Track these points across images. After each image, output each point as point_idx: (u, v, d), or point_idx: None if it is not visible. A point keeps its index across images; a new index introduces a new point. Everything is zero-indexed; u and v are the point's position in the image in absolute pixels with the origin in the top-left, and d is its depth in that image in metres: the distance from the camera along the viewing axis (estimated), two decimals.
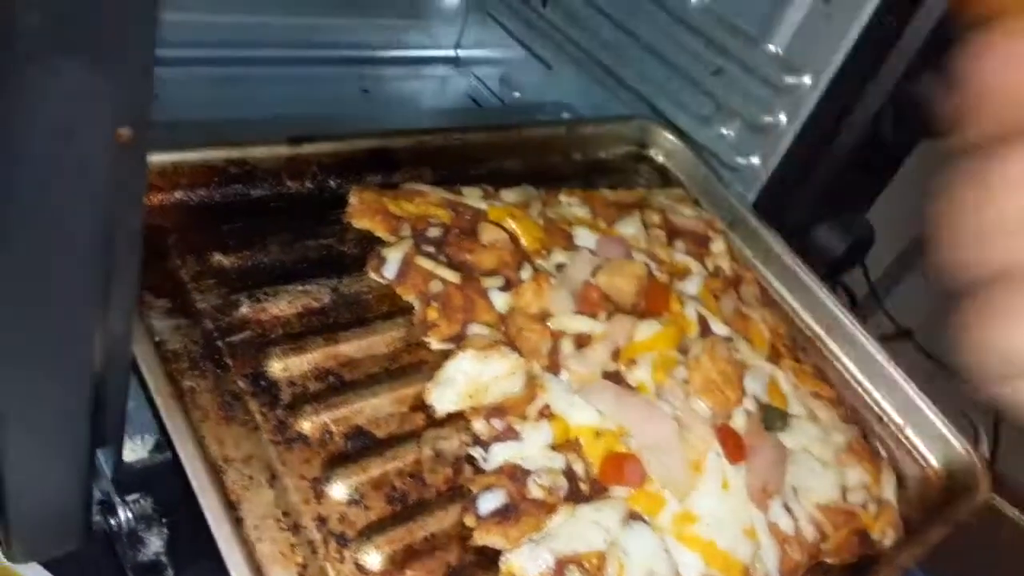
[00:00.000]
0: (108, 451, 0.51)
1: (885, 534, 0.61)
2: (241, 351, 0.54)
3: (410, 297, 0.61)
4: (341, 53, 1.11)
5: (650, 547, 0.52)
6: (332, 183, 0.69)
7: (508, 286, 0.62)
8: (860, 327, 0.79)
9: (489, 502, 0.51)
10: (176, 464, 0.47)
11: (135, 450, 0.57)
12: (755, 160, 0.89)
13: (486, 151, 0.80)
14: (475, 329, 0.59)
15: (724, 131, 0.91)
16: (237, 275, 0.58)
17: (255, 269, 0.59)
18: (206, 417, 0.50)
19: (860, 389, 0.78)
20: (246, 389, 0.52)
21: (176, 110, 0.95)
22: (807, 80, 0.82)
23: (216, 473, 0.47)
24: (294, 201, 0.65)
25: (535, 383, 0.57)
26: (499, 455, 0.53)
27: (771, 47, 0.85)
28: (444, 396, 0.55)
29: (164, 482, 0.52)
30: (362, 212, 0.64)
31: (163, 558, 0.51)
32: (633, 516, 0.53)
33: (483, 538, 0.50)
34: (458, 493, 0.53)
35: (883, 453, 0.70)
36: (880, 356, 0.77)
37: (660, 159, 0.94)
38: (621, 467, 0.54)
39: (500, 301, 0.61)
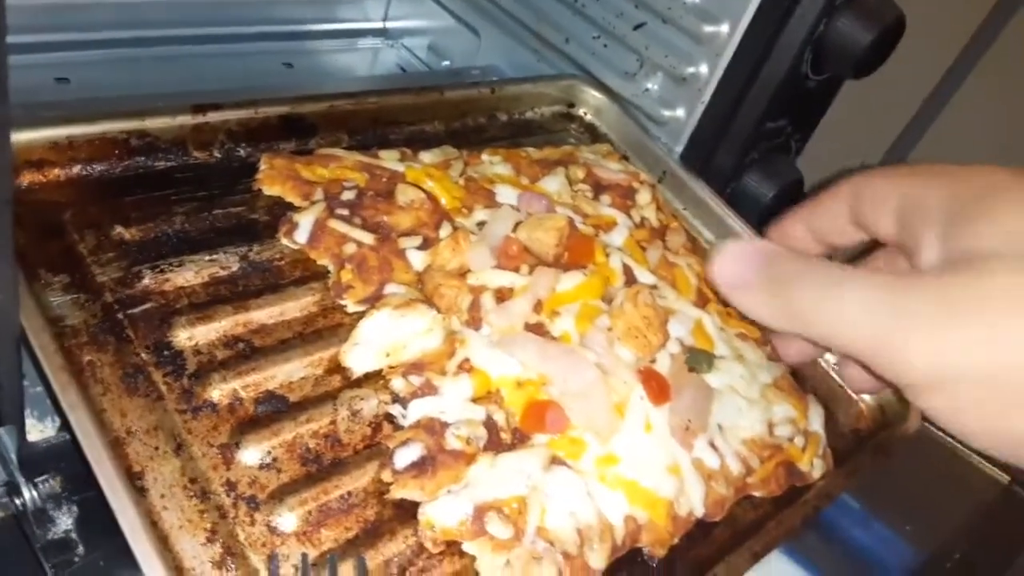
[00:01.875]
0: (8, 431, 0.50)
1: (813, 465, 0.62)
2: (143, 323, 0.52)
3: (324, 260, 0.60)
4: (264, 29, 1.09)
5: (572, 489, 0.52)
6: (242, 151, 0.67)
7: (426, 245, 0.61)
8: None
9: (405, 456, 0.50)
10: (75, 439, 0.46)
11: (44, 431, 0.55)
12: (680, 112, 0.88)
13: (405, 114, 0.79)
14: (392, 289, 0.58)
15: (649, 85, 0.91)
16: (139, 247, 0.56)
17: (158, 240, 0.58)
18: (107, 390, 0.48)
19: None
20: (149, 360, 0.51)
21: (91, 92, 0.93)
22: (724, 28, 0.82)
23: (118, 445, 0.46)
24: (201, 171, 0.64)
25: (455, 338, 0.56)
26: (418, 411, 0.53)
27: None
28: (360, 356, 0.55)
29: (72, 460, 0.51)
30: (273, 178, 0.63)
31: (73, 535, 0.50)
32: (555, 461, 0.53)
33: (400, 491, 0.49)
34: (376, 451, 0.52)
35: (814, 389, 0.71)
36: None
37: (588, 117, 0.93)
38: (543, 415, 0.54)
39: (417, 260, 0.60)
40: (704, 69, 0.85)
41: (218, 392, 0.51)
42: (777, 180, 0.90)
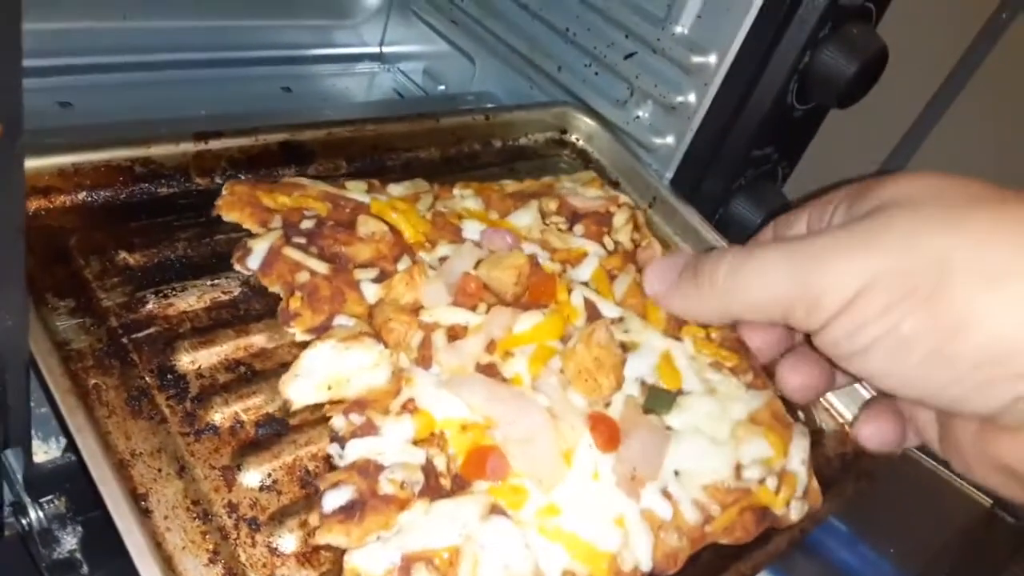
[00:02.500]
0: (16, 453, 0.51)
1: (791, 507, 0.60)
2: (147, 347, 0.54)
3: (275, 288, 0.59)
4: (263, 54, 1.11)
5: (509, 541, 0.50)
6: (243, 177, 0.69)
7: (383, 278, 0.61)
8: None
9: (334, 499, 0.48)
10: (81, 461, 0.47)
11: (48, 452, 0.57)
12: (670, 139, 0.91)
13: (402, 141, 0.81)
14: (341, 320, 0.58)
15: (639, 113, 0.93)
16: (143, 272, 0.58)
17: (162, 266, 0.59)
18: (112, 413, 0.50)
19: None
20: (153, 384, 0.52)
21: (94, 117, 0.95)
22: (712, 59, 0.84)
23: (123, 467, 0.48)
24: (204, 198, 0.65)
25: (401, 376, 0.56)
26: (355, 451, 0.51)
27: (677, 28, 0.87)
28: (301, 388, 0.54)
29: (77, 481, 0.52)
30: (232, 204, 0.62)
31: (78, 555, 0.51)
32: (494, 510, 0.52)
33: (325, 536, 0.48)
34: None
35: (800, 416, 0.72)
36: None
37: (580, 143, 0.95)
38: (484, 461, 0.53)
39: (371, 293, 0.60)
40: (693, 98, 0.87)
41: (220, 415, 0.52)
42: (764, 206, 0.92)
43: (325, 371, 0.55)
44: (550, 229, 0.74)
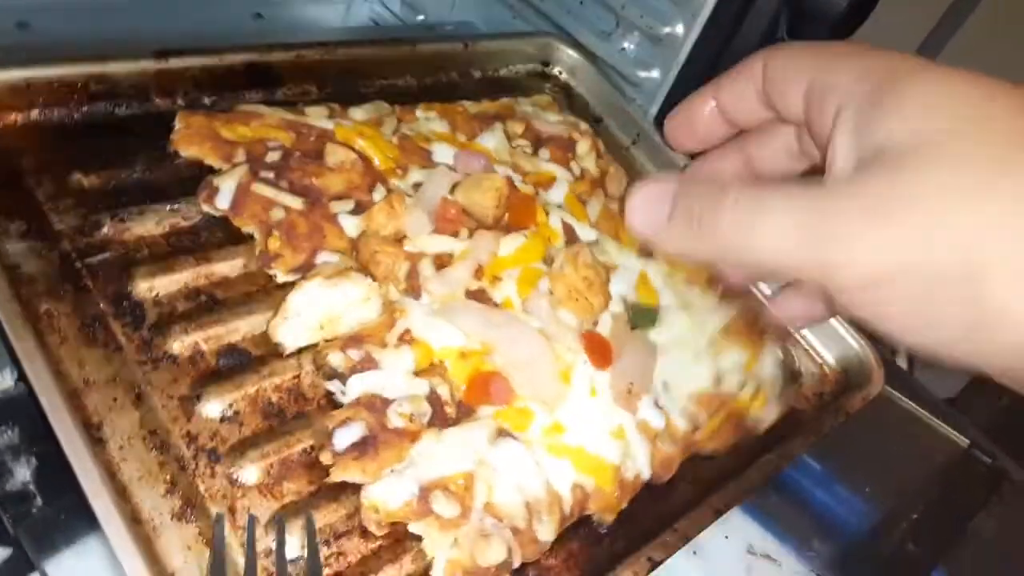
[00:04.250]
0: None
1: (763, 414, 0.62)
2: (103, 272, 0.51)
3: (249, 228, 0.56)
4: None
5: (519, 461, 0.51)
6: (207, 100, 0.65)
7: (359, 209, 0.59)
8: None
9: (345, 436, 0.48)
10: (31, 389, 0.45)
11: (1, 382, 0.54)
12: (655, 73, 0.88)
13: (376, 67, 0.77)
14: (324, 257, 0.55)
15: (625, 45, 0.90)
16: (99, 195, 0.55)
17: (119, 188, 0.56)
18: (64, 340, 0.48)
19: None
20: (108, 311, 0.50)
21: (55, 39, 0.90)
22: None
23: (75, 396, 0.46)
24: (165, 119, 0.62)
25: (394, 308, 0.55)
26: (358, 387, 0.50)
27: None
28: (292, 330, 0.52)
29: (29, 411, 0.50)
30: (190, 138, 0.59)
31: (31, 487, 0.49)
32: (502, 433, 0.52)
33: (341, 474, 0.47)
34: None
35: (777, 350, 0.71)
36: None
37: (563, 76, 0.92)
38: (487, 387, 0.53)
39: (351, 225, 0.58)
40: (680, 29, 0.84)
41: (179, 344, 0.50)
42: None
43: (315, 311, 0.53)
44: (518, 151, 0.72)
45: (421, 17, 1.14)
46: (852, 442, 0.70)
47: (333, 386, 0.51)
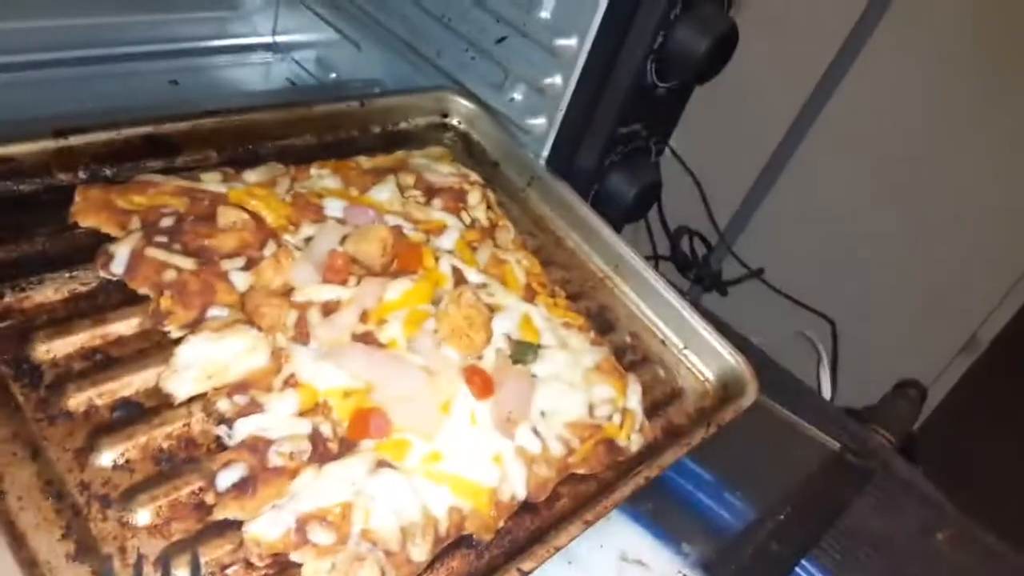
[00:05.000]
0: None
1: (631, 439, 0.68)
2: (3, 339, 0.56)
3: (144, 289, 0.61)
4: (150, 48, 1.11)
5: (397, 489, 0.55)
6: (108, 172, 0.70)
7: (251, 265, 0.64)
8: (643, 263, 0.86)
9: (227, 478, 0.52)
10: None
11: None
12: (542, 120, 0.94)
13: (275, 129, 0.83)
14: (214, 312, 0.60)
15: (514, 96, 0.97)
16: (1, 267, 0.59)
17: (21, 260, 0.61)
18: None
19: (646, 319, 0.85)
20: (7, 373, 0.54)
21: None
22: (574, 41, 0.88)
23: None
24: (66, 192, 0.66)
25: (281, 355, 0.59)
26: (243, 430, 0.55)
27: (542, 13, 0.90)
28: (182, 381, 0.56)
29: None
30: (87, 210, 0.64)
31: None
32: (381, 464, 0.56)
33: (223, 513, 0.51)
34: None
35: (660, 371, 0.78)
36: (660, 286, 0.84)
37: (462, 126, 0.98)
38: (367, 421, 0.58)
39: (241, 281, 0.63)
40: (559, 80, 0.91)
41: (74, 401, 0.54)
42: (636, 182, 0.97)
43: (202, 362, 0.58)
44: (410, 202, 0.78)
45: (333, 75, 1.21)
46: (735, 449, 0.76)
47: (221, 431, 0.56)
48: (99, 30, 1.07)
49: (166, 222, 0.65)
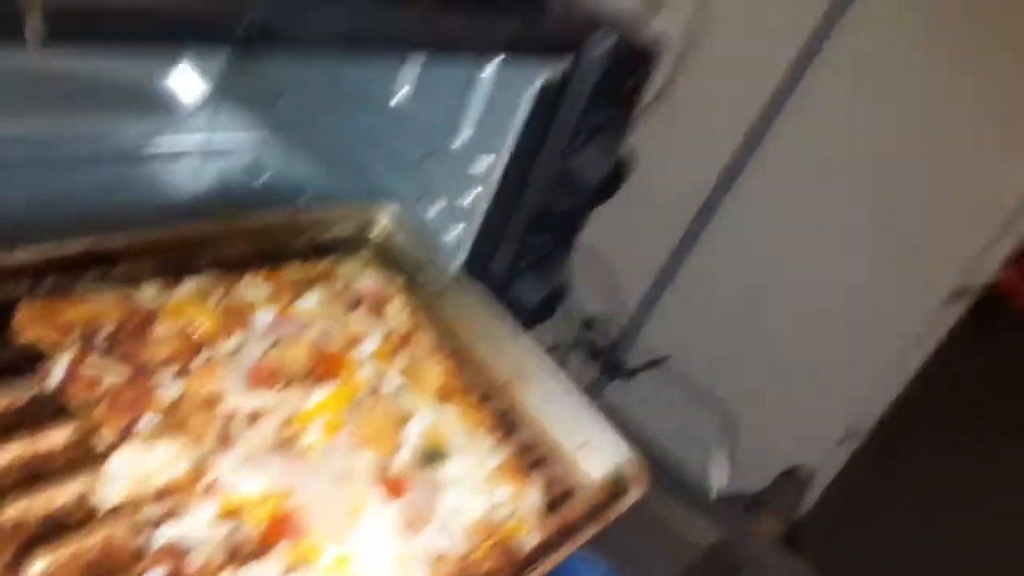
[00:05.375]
0: None
1: (526, 539, 0.74)
2: None
3: (77, 401, 0.65)
4: (81, 153, 1.15)
5: None
6: (48, 283, 0.75)
7: (182, 375, 0.69)
8: (549, 364, 0.94)
9: None
10: None
11: None
12: (459, 231, 1.03)
13: (209, 240, 0.89)
14: (146, 420, 0.65)
15: (433, 210, 1.05)
16: None
17: None
18: None
19: (547, 420, 0.92)
20: None
21: None
22: (490, 161, 0.98)
23: None
24: (6, 307, 0.71)
25: (204, 462, 0.64)
26: (164, 536, 0.59)
27: (464, 132, 1.00)
28: (108, 491, 0.61)
29: None
30: (29, 324, 0.68)
31: None
32: (294, 566, 0.61)
33: None
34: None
35: (558, 469, 0.85)
36: (560, 388, 0.92)
37: (385, 236, 1.06)
38: (282, 525, 0.63)
39: (172, 391, 0.68)
40: (476, 195, 1.00)
41: (4, 516, 0.58)
42: (545, 284, 1.06)
43: (129, 472, 0.62)
44: (336, 311, 0.85)
45: (266, 174, 1.28)
46: (619, 543, 0.83)
47: (142, 539, 0.60)
48: (26, 136, 1.10)
49: (103, 333, 0.70)
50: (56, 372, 0.66)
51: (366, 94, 1.09)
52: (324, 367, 0.77)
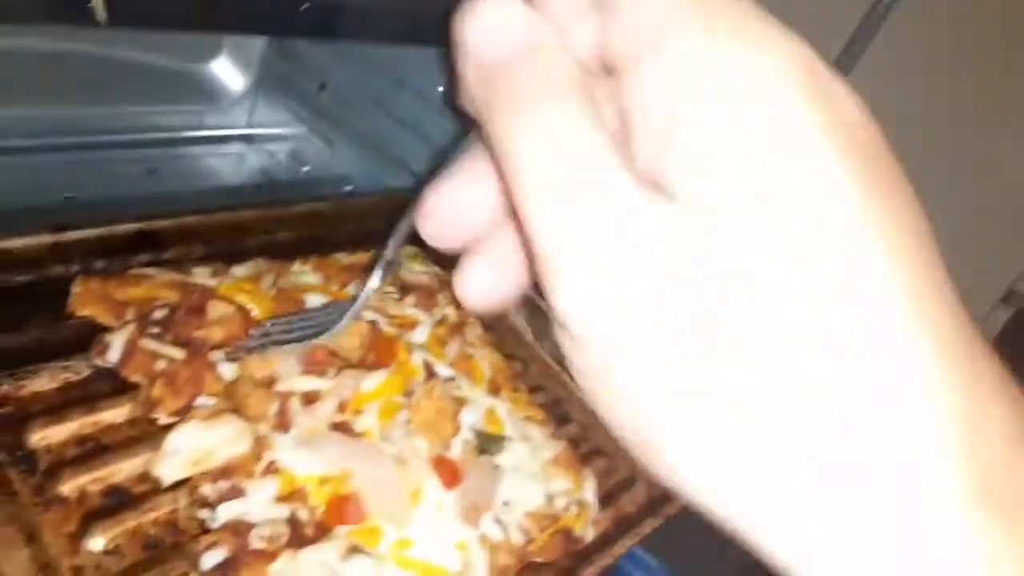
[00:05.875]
0: None
1: (586, 530, 0.73)
2: (1, 427, 0.59)
3: (136, 377, 0.65)
4: (126, 138, 1.16)
5: (369, 574, 0.59)
6: (99, 265, 0.74)
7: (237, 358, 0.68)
8: None
9: (211, 559, 0.56)
10: None
11: None
12: None
13: (256, 225, 0.89)
14: (202, 400, 0.65)
15: None
16: None
17: (16, 350, 0.64)
18: None
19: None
20: (5, 459, 0.57)
21: None
22: None
23: None
24: (60, 284, 0.70)
25: (262, 442, 0.63)
26: (225, 514, 0.59)
27: None
28: (169, 466, 0.60)
29: None
30: (85, 301, 0.68)
31: None
32: (354, 549, 0.60)
33: None
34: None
35: (612, 461, 0.84)
36: None
37: None
38: (342, 508, 0.62)
39: (228, 372, 0.67)
40: None
41: (68, 487, 0.57)
42: None
43: (190, 449, 0.62)
44: (385, 298, 0.84)
45: (306, 168, 1.28)
46: (684, 542, 0.82)
47: (204, 514, 0.60)
48: (78, 120, 1.11)
49: (159, 313, 0.69)
50: (114, 348, 0.66)
51: (410, 84, 1.08)
52: (377, 353, 0.76)
